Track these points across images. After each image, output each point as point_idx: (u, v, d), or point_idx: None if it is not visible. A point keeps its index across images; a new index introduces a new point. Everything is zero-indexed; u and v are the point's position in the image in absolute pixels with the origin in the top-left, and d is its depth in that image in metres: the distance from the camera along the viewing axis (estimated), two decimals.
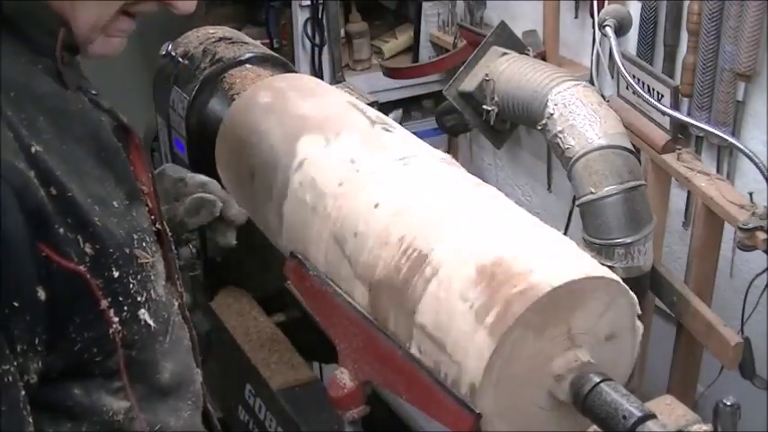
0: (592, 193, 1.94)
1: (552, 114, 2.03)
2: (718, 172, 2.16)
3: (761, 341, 2.03)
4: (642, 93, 2.04)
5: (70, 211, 0.88)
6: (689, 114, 2.20)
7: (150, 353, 1.00)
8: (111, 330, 0.93)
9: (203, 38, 1.74)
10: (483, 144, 3.10)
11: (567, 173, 2.01)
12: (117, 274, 0.93)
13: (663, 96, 2.05)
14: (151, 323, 0.98)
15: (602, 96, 2.12)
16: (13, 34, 0.92)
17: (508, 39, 2.36)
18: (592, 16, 2.42)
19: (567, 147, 1.99)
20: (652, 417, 0.97)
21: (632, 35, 2.35)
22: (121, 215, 0.96)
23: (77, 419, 0.94)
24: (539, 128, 2.07)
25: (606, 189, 1.92)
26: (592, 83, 2.39)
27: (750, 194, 1.89)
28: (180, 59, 1.70)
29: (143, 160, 1.08)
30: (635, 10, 2.34)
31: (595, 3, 2.39)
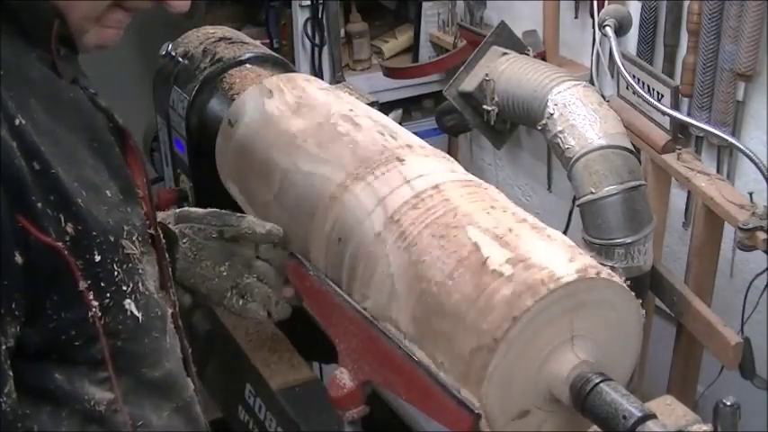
0: (592, 193, 1.94)
1: (552, 114, 2.03)
2: (718, 172, 2.16)
3: (761, 341, 2.03)
4: (642, 93, 2.04)
5: (53, 188, 0.89)
6: (689, 114, 2.20)
7: (139, 345, 1.00)
8: (90, 314, 0.93)
9: (203, 38, 1.74)
10: (483, 144, 3.10)
11: (567, 173, 2.01)
12: (99, 258, 0.93)
13: (663, 96, 2.05)
14: (138, 315, 0.98)
15: (602, 96, 2.12)
16: (9, 23, 0.92)
17: (508, 39, 2.36)
18: (592, 16, 2.42)
19: (566, 147, 1.99)
20: (652, 417, 0.97)
21: (632, 35, 2.35)
22: (114, 205, 0.96)
23: (58, 404, 0.94)
24: (539, 128, 2.07)
25: (606, 189, 1.92)
26: (592, 83, 2.39)
27: (750, 194, 1.89)
28: (180, 59, 1.70)
29: (139, 163, 1.08)
30: (635, 10, 2.34)
31: (595, 3, 2.39)
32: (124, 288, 0.96)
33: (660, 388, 2.19)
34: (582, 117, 1.99)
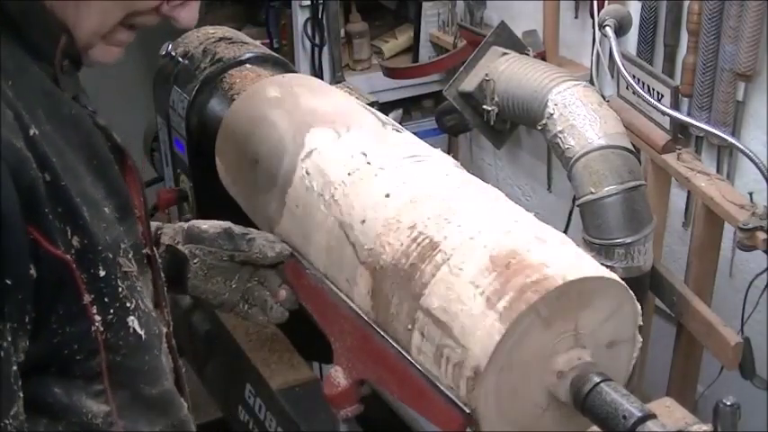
0: (592, 193, 1.94)
1: (552, 114, 2.03)
2: (718, 172, 2.16)
3: (761, 341, 2.03)
4: (642, 93, 2.05)
5: (62, 200, 0.88)
6: (689, 114, 2.20)
7: (139, 362, 1.00)
8: (93, 328, 0.93)
9: (203, 38, 1.74)
10: (483, 144, 3.10)
11: (567, 173, 2.01)
12: (103, 273, 0.93)
13: (663, 96, 2.05)
14: (141, 333, 0.98)
15: (602, 96, 2.12)
16: (14, 36, 0.92)
17: (508, 39, 2.36)
18: (592, 16, 2.42)
19: (567, 147, 1.99)
20: (652, 417, 0.97)
21: (632, 35, 2.35)
22: (111, 223, 0.95)
23: (55, 418, 0.94)
24: (539, 128, 2.07)
25: (606, 189, 1.92)
26: (592, 83, 2.39)
27: (750, 194, 1.89)
28: (180, 59, 1.70)
29: (137, 183, 1.07)
30: (635, 10, 2.34)
31: (595, 3, 2.39)
32: (128, 305, 0.96)
33: (660, 388, 2.19)
34: (582, 117, 1.99)
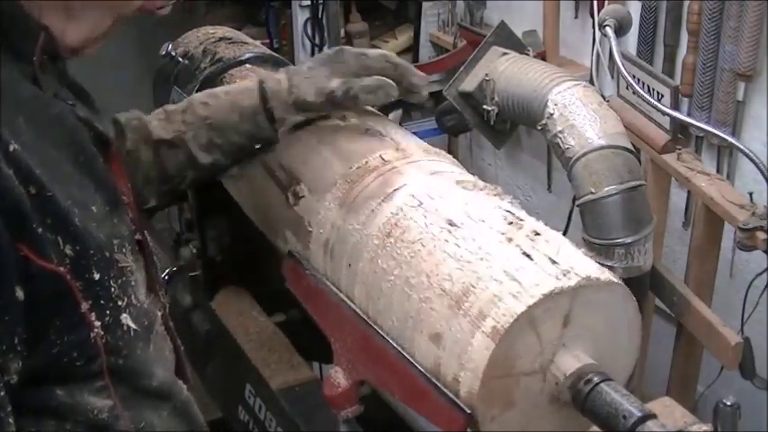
0: (592, 193, 1.94)
1: (552, 114, 2.02)
2: (718, 172, 2.16)
3: (761, 341, 2.03)
4: (642, 93, 2.04)
5: (49, 211, 0.88)
6: (689, 114, 2.20)
7: (134, 359, 1.00)
8: (92, 334, 0.93)
9: (203, 38, 1.74)
10: (483, 144, 3.10)
11: (567, 173, 2.01)
12: (98, 276, 0.92)
13: (663, 96, 2.05)
14: (134, 327, 0.98)
15: (602, 96, 2.12)
16: None
17: (508, 39, 2.35)
18: (592, 16, 2.42)
19: (567, 147, 1.99)
20: (652, 417, 0.97)
21: (632, 35, 2.35)
22: (101, 220, 0.95)
23: (62, 419, 0.94)
24: (539, 128, 2.07)
25: (606, 189, 1.92)
26: (592, 83, 2.39)
27: (750, 194, 1.89)
28: (180, 59, 1.70)
29: (122, 169, 1.08)
30: (635, 10, 2.34)
31: (595, 3, 2.39)
32: (120, 303, 0.96)
33: (660, 388, 2.19)
34: (582, 117, 1.99)
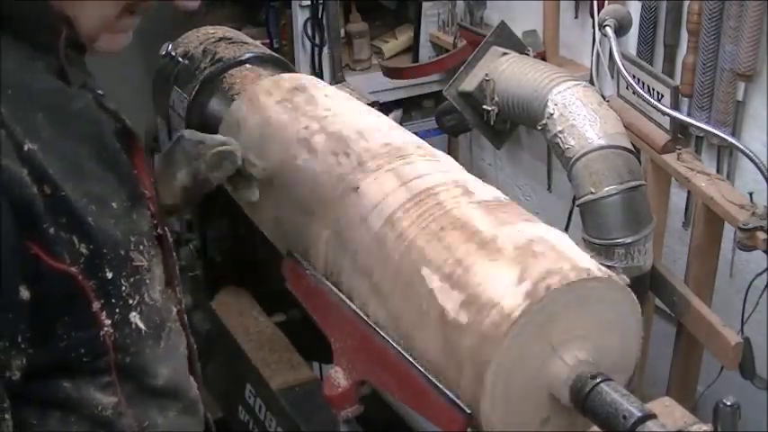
0: (592, 193, 1.94)
1: (552, 114, 2.03)
2: (718, 172, 2.16)
3: (761, 341, 2.03)
4: (642, 93, 2.04)
5: (63, 211, 0.88)
6: (689, 114, 2.20)
7: (142, 357, 1.00)
8: (102, 332, 0.93)
9: (203, 38, 1.74)
10: (483, 144, 3.10)
11: (567, 173, 2.01)
12: (110, 275, 0.93)
13: (663, 96, 2.05)
14: (142, 327, 0.98)
15: (602, 96, 2.12)
16: (15, 32, 0.91)
17: (508, 39, 2.36)
18: (592, 16, 2.42)
19: (567, 147, 1.99)
20: (652, 417, 0.97)
21: (632, 35, 2.35)
22: (120, 216, 0.95)
23: (68, 410, 0.95)
24: (539, 128, 2.07)
25: (606, 189, 1.92)
26: (592, 83, 2.39)
27: (750, 194, 1.89)
28: (180, 59, 1.70)
29: (145, 164, 1.08)
30: (635, 10, 2.34)
31: (595, 3, 2.39)
32: (131, 302, 0.96)
33: (660, 388, 2.19)
34: (582, 117, 1.99)
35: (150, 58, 1.84)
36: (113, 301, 0.94)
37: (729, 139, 1.98)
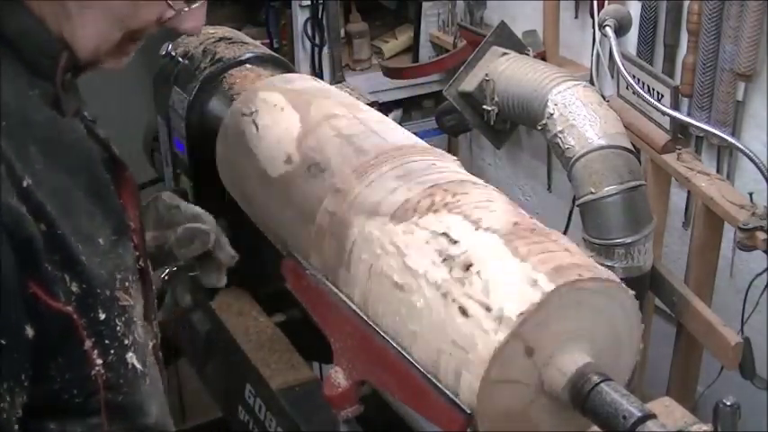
0: (592, 193, 1.94)
1: (552, 114, 2.03)
2: (718, 172, 2.16)
3: (761, 341, 2.03)
4: (642, 93, 2.05)
5: (58, 248, 0.86)
6: (689, 114, 2.20)
7: (137, 396, 0.99)
8: (93, 372, 0.92)
9: (203, 38, 1.74)
10: (483, 144, 3.10)
11: (567, 173, 2.01)
12: (103, 316, 0.91)
13: (663, 96, 2.05)
14: (138, 366, 0.97)
15: (602, 96, 2.12)
16: (13, 57, 0.89)
17: (508, 39, 2.36)
18: (592, 16, 2.42)
19: (567, 147, 1.99)
20: (652, 417, 0.97)
21: (632, 35, 2.35)
22: (105, 253, 0.94)
23: None
24: (539, 128, 2.07)
25: (606, 189, 1.92)
26: (592, 83, 2.39)
27: (750, 194, 1.89)
28: (180, 59, 1.70)
29: (133, 196, 1.06)
30: (635, 10, 2.34)
31: (595, 3, 2.39)
32: (126, 342, 0.95)
33: (660, 388, 2.19)
34: (582, 117, 1.99)
35: (150, 58, 1.84)
36: (107, 342, 0.92)
37: (729, 139, 1.98)
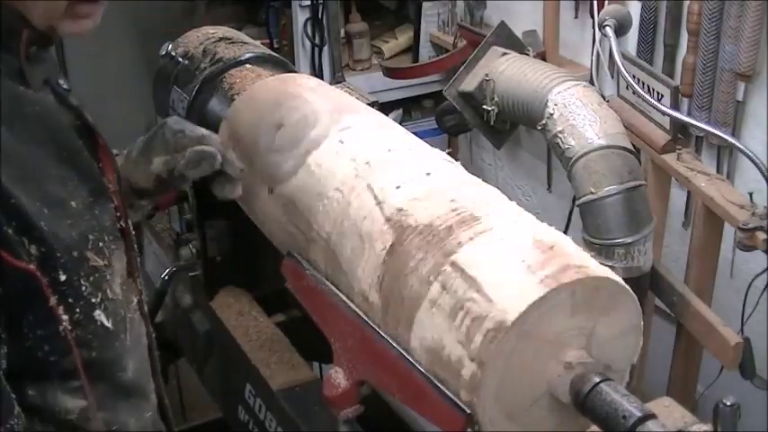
0: (592, 193, 1.94)
1: (552, 114, 2.03)
2: (718, 172, 2.16)
3: (761, 341, 2.03)
4: (642, 93, 2.05)
5: (13, 216, 0.91)
6: (689, 114, 2.20)
7: (110, 352, 1.02)
8: (61, 328, 0.95)
9: (203, 38, 1.75)
10: (483, 144, 3.10)
11: (567, 173, 2.01)
12: (64, 277, 0.95)
13: (663, 96, 2.05)
14: (108, 324, 1.00)
15: (602, 96, 2.12)
16: None
17: (508, 39, 2.36)
18: (592, 16, 2.42)
19: (567, 147, 1.99)
20: (652, 417, 0.97)
21: (632, 35, 2.35)
22: (79, 215, 0.98)
23: (30, 419, 0.96)
24: (539, 128, 2.07)
25: (606, 189, 1.93)
26: (592, 83, 2.39)
27: (750, 194, 1.89)
28: (180, 59, 1.70)
29: (109, 159, 1.10)
30: (635, 10, 2.34)
31: (595, 3, 2.39)
32: (93, 300, 0.99)
33: (660, 388, 2.19)
34: (582, 117, 1.99)
35: (150, 58, 1.84)
36: (71, 300, 0.96)
37: (729, 139, 1.98)
